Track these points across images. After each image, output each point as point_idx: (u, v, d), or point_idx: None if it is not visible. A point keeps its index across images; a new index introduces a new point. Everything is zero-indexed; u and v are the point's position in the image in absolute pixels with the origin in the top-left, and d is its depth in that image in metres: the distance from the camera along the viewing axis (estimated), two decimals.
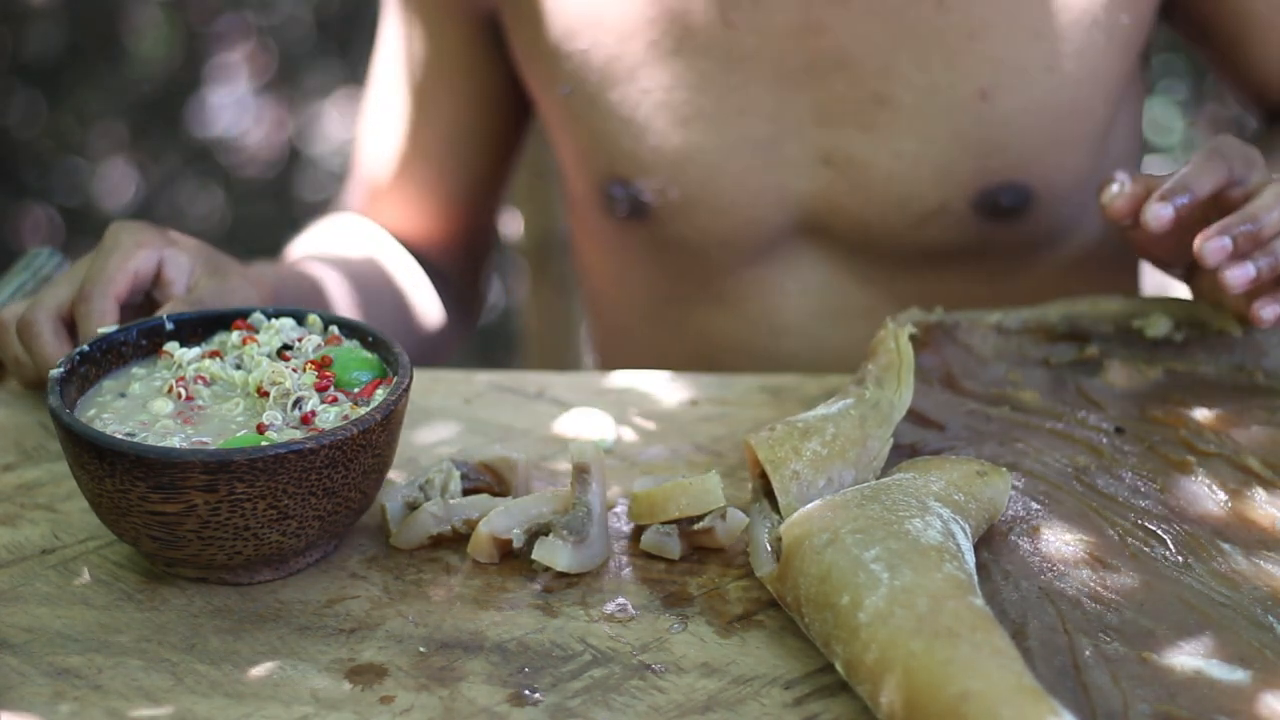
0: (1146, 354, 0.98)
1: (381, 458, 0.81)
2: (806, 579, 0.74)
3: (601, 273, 1.28)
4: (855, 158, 1.09)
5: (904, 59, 1.06)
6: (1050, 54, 1.06)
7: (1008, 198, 1.10)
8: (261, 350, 0.85)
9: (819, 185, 1.11)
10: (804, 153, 1.10)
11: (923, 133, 1.08)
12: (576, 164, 1.19)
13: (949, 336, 0.97)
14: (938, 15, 1.05)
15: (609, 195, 1.16)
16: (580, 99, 1.13)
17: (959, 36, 1.06)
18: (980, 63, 1.06)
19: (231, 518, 0.76)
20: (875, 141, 1.09)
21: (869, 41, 1.06)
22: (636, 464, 0.93)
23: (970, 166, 1.09)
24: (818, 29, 1.06)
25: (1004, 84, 1.07)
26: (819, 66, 1.07)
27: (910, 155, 1.09)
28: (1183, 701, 0.69)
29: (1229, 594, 0.77)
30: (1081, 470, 0.87)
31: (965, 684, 0.64)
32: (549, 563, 0.81)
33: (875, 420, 0.85)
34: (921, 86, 1.07)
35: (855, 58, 1.06)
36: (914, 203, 1.10)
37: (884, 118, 1.08)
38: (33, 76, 3.13)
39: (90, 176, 3.28)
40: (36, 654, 0.76)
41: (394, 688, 0.73)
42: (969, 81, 1.07)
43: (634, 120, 1.11)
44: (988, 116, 1.08)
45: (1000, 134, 1.08)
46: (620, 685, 0.74)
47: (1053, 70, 1.07)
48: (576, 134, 1.15)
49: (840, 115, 1.08)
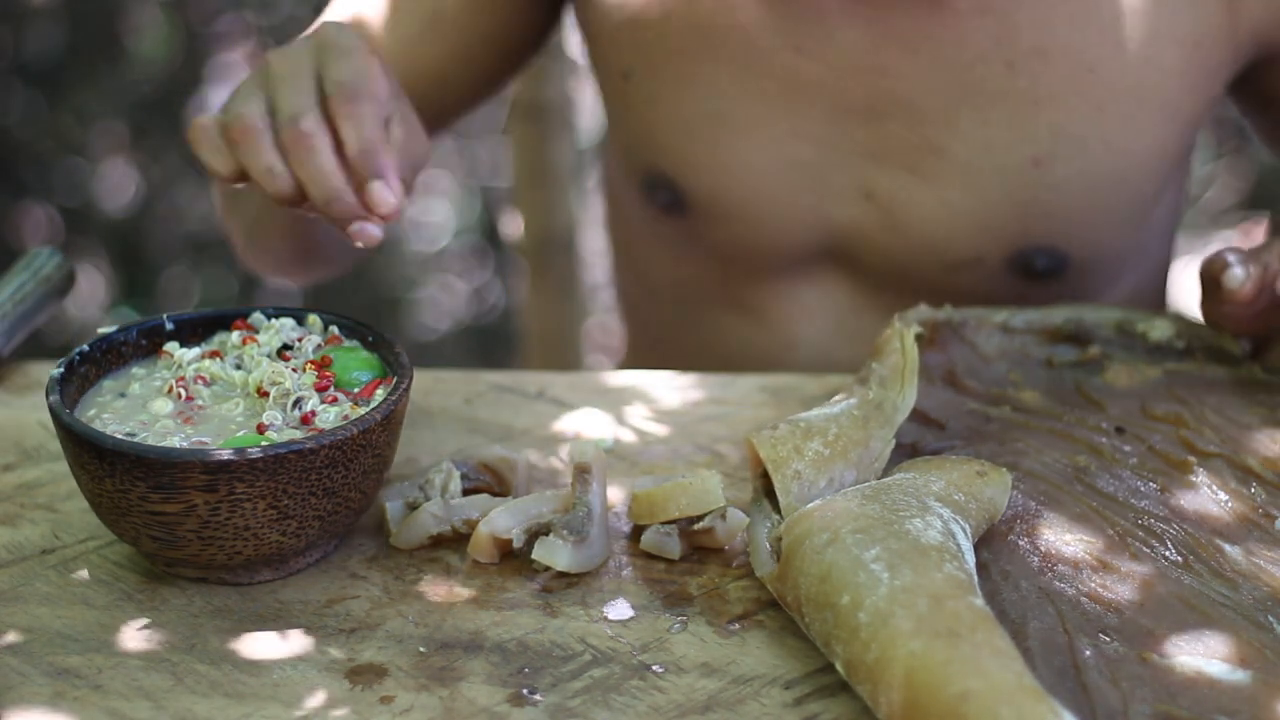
0: (1147, 356, 0.98)
1: (381, 458, 0.81)
2: (807, 579, 0.74)
3: (630, 260, 1.29)
4: (898, 198, 1.09)
5: (964, 114, 1.06)
6: (1111, 129, 1.06)
7: (1043, 261, 1.10)
8: (261, 350, 0.85)
9: (857, 217, 1.11)
10: (848, 184, 1.10)
11: (970, 186, 1.08)
12: (625, 146, 1.19)
13: (956, 334, 0.97)
14: (1006, 77, 1.04)
15: (650, 184, 1.16)
16: (639, 87, 1.13)
17: (1023, 101, 1.05)
18: (1040, 129, 1.05)
19: (231, 518, 0.76)
20: (921, 186, 1.08)
21: (932, 91, 1.05)
22: (636, 464, 0.93)
23: (1011, 227, 1.09)
24: (883, 71, 1.05)
25: (1059, 153, 1.06)
26: (878, 106, 1.07)
27: (953, 205, 1.08)
28: (1183, 701, 0.69)
29: (1229, 594, 0.77)
30: (1081, 470, 0.87)
31: (965, 684, 0.64)
32: (549, 562, 0.81)
33: (878, 421, 0.85)
34: (977, 143, 1.06)
35: (916, 104, 1.06)
36: (949, 251, 1.10)
37: (934, 165, 1.08)
38: (33, 76, 3.13)
39: (90, 176, 3.28)
40: (36, 654, 0.76)
41: (394, 688, 0.73)
42: (1025, 146, 1.06)
43: (687, 121, 1.11)
44: (1037, 182, 1.07)
45: (1047, 200, 1.08)
46: (620, 685, 0.74)
47: (1110, 145, 1.06)
48: (630, 119, 1.16)
49: (891, 155, 1.08)
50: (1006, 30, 1.03)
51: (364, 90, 0.86)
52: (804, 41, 1.06)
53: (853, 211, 1.11)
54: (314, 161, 0.84)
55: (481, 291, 3.33)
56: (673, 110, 1.12)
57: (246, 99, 0.87)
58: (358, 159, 0.85)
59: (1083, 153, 1.06)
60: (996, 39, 1.03)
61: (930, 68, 1.05)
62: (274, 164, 0.85)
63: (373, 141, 0.85)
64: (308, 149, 0.84)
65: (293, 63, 0.87)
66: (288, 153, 0.85)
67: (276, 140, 0.85)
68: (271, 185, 0.85)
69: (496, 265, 3.30)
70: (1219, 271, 0.93)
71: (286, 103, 0.85)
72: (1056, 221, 1.09)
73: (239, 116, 0.85)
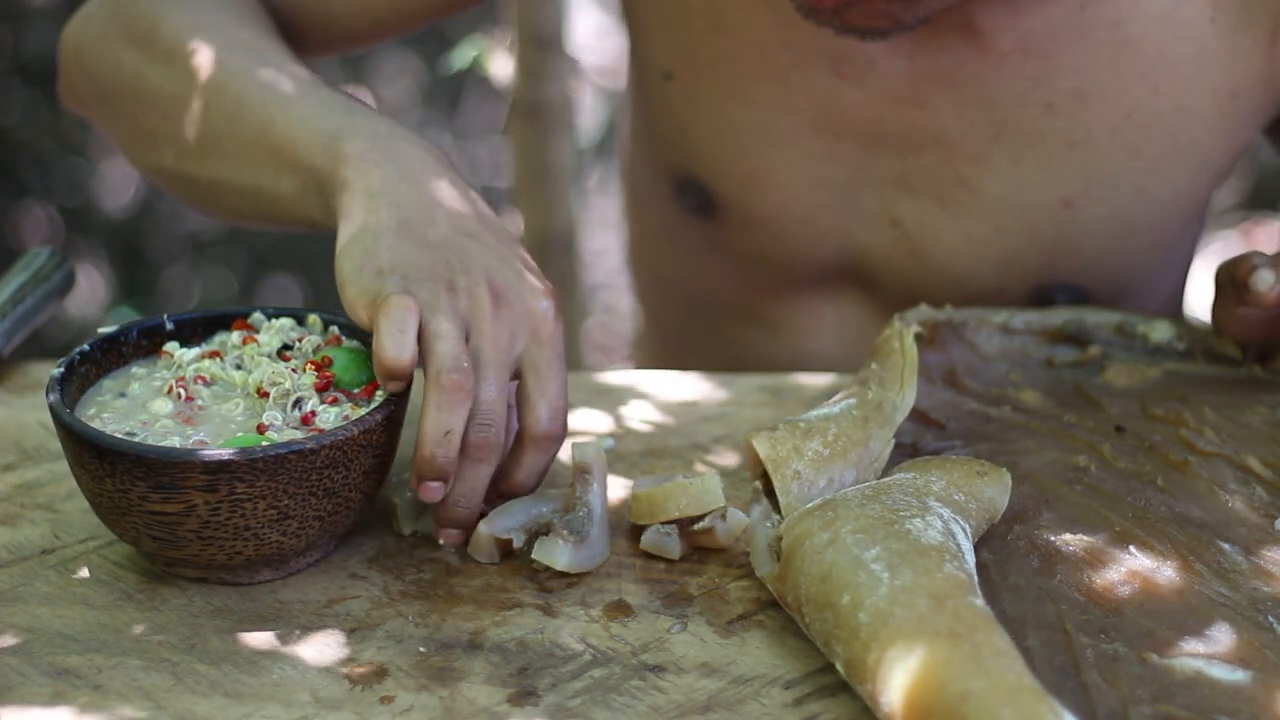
0: (1147, 357, 0.98)
1: (382, 458, 0.81)
2: (807, 579, 0.74)
3: (650, 259, 1.28)
4: (925, 227, 1.09)
5: (999, 152, 1.05)
6: (1144, 174, 1.05)
7: (1063, 297, 1.09)
8: (261, 350, 0.85)
9: (882, 242, 1.11)
10: (877, 209, 1.10)
11: (998, 222, 1.07)
12: (657, 146, 1.19)
13: (956, 334, 0.97)
14: (1043, 118, 1.04)
15: (681, 186, 1.16)
16: (679, 89, 1.12)
17: (1059, 143, 1.04)
18: (1073, 171, 1.05)
19: (231, 518, 0.76)
20: (949, 218, 1.08)
21: (969, 127, 1.05)
22: (636, 464, 0.93)
23: (1036, 263, 1.08)
24: (921, 103, 1.05)
25: (1091, 195, 1.06)
26: (913, 137, 1.06)
27: (979, 240, 1.08)
28: (1183, 701, 0.69)
29: (1229, 594, 0.77)
30: (1081, 470, 0.87)
31: (966, 684, 0.64)
32: (549, 562, 0.81)
33: (878, 421, 0.85)
34: (1009, 180, 1.06)
35: (951, 138, 1.06)
36: (971, 282, 1.10)
37: (964, 199, 1.07)
38: (33, 76, 3.13)
39: (90, 176, 3.28)
40: (36, 654, 0.75)
41: (394, 688, 0.73)
42: (1057, 186, 1.06)
43: (724, 128, 1.11)
44: (1067, 222, 1.07)
45: (1074, 240, 1.07)
46: (620, 685, 0.74)
47: (1141, 190, 1.06)
48: (667, 119, 1.15)
49: (922, 186, 1.08)
50: (1047, 72, 1.03)
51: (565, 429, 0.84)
52: (845, 68, 1.05)
53: (878, 237, 1.11)
54: (480, 473, 0.81)
55: None
56: (711, 115, 1.11)
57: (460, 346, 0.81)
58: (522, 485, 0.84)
59: (1114, 196, 1.06)
60: (1036, 80, 1.03)
61: (968, 104, 1.04)
62: (458, 434, 0.79)
63: (541, 477, 0.85)
64: (485, 463, 0.81)
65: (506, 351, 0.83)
66: (473, 449, 0.80)
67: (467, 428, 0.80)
68: (436, 446, 0.79)
69: None
70: (1245, 274, 0.92)
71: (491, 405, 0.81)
72: (1081, 260, 1.08)
73: (462, 370, 0.80)
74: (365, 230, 0.85)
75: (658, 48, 1.13)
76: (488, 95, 3.16)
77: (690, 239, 1.19)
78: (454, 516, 0.82)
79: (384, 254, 0.83)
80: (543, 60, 1.96)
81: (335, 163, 0.88)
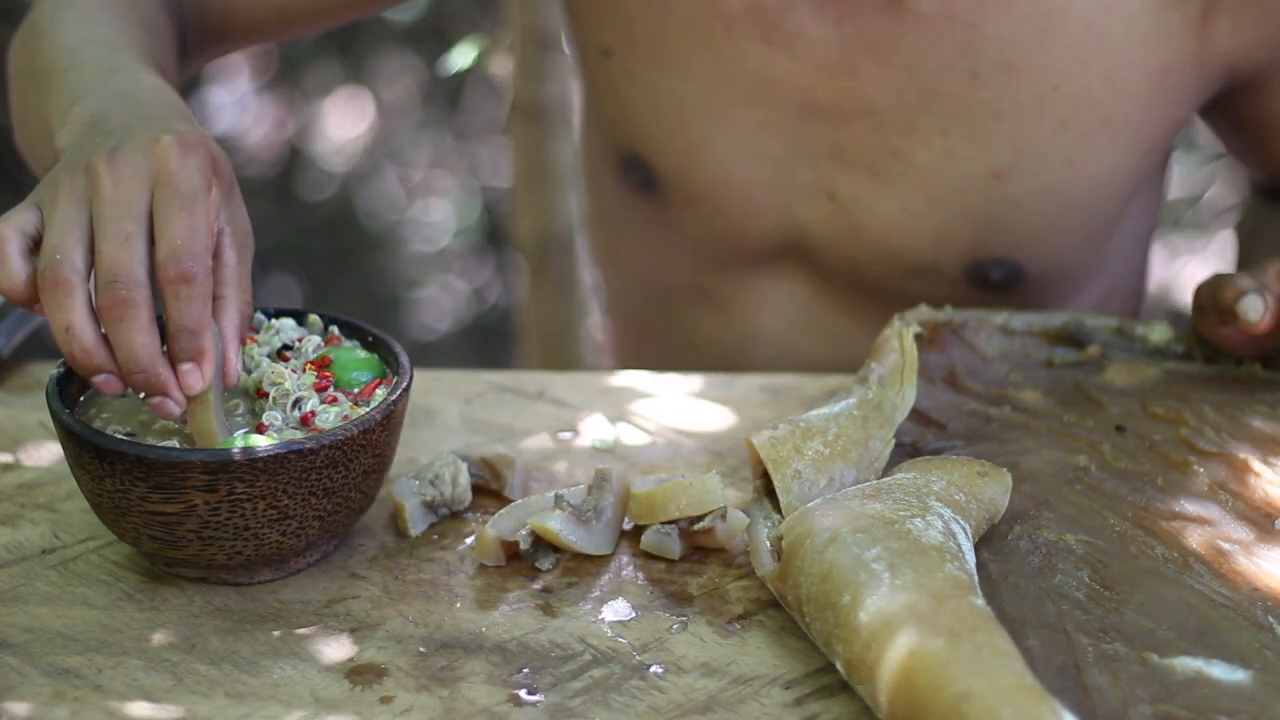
0: (1147, 358, 0.98)
1: (381, 458, 0.81)
2: (808, 578, 0.74)
3: (606, 244, 1.29)
4: (859, 200, 1.09)
5: (927, 122, 1.05)
6: (1073, 147, 1.05)
7: (998, 273, 1.09)
8: (261, 350, 0.85)
9: (820, 215, 1.11)
10: (812, 181, 1.10)
11: (931, 194, 1.07)
12: (602, 125, 1.20)
13: (956, 335, 0.97)
14: (969, 88, 1.04)
15: (626, 163, 1.17)
16: (617, 65, 1.13)
17: (986, 114, 1.04)
18: (1001, 142, 1.05)
19: (231, 518, 0.76)
20: (883, 191, 1.08)
21: (897, 97, 1.05)
22: (636, 464, 0.93)
23: (969, 237, 1.08)
24: (850, 72, 1.05)
25: (1020, 167, 1.06)
26: (844, 107, 1.06)
27: (912, 212, 1.08)
28: (1183, 701, 0.69)
29: (1229, 594, 0.77)
30: (1081, 470, 0.87)
31: (966, 683, 0.64)
32: (546, 532, 0.81)
33: (878, 421, 0.85)
34: (939, 152, 1.06)
35: (880, 108, 1.06)
36: (907, 256, 1.10)
37: (896, 170, 1.07)
38: None
39: None
40: (36, 654, 0.75)
41: (394, 688, 0.73)
42: (986, 157, 1.06)
43: (662, 102, 1.11)
44: (997, 194, 1.07)
45: (1005, 213, 1.07)
46: (620, 685, 0.74)
47: (1071, 163, 1.06)
48: (608, 97, 1.16)
49: (855, 157, 1.08)
50: (971, 41, 1.02)
51: (198, 263, 0.77)
52: (775, 36, 1.06)
53: (815, 210, 1.11)
54: (130, 333, 0.76)
55: (481, 291, 3.33)
56: (649, 90, 1.12)
57: (66, 231, 0.77)
58: (178, 338, 0.77)
59: (1043, 169, 1.06)
60: (961, 48, 1.03)
61: (894, 73, 1.04)
62: (78, 324, 0.76)
63: (199, 322, 0.77)
64: (128, 320, 0.75)
65: (126, 201, 0.77)
66: (103, 314, 0.76)
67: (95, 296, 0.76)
68: (66, 345, 0.76)
69: (496, 265, 3.30)
70: (1231, 300, 0.91)
71: (112, 259, 0.76)
72: (1013, 235, 1.08)
73: (55, 263, 0.76)
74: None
75: (594, 25, 1.14)
76: (488, 95, 3.16)
77: (637, 218, 1.20)
78: (149, 383, 0.77)
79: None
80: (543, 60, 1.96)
81: (61, 129, 0.86)
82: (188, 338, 0.77)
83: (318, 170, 3.38)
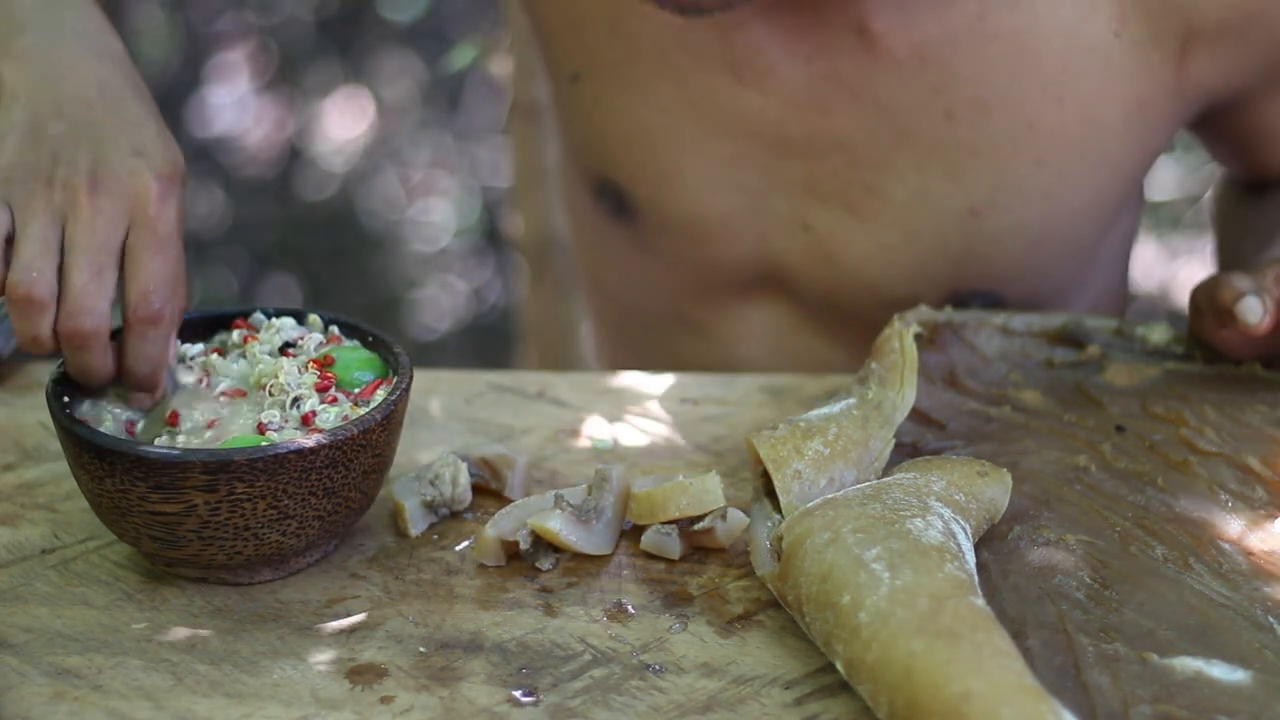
0: (1147, 358, 0.98)
1: (382, 458, 0.81)
2: (807, 578, 0.74)
3: (587, 266, 1.28)
4: (835, 234, 1.08)
5: (902, 158, 1.04)
6: (1051, 183, 1.04)
7: (978, 303, 1.08)
8: (262, 349, 0.85)
9: (796, 247, 1.10)
10: (788, 213, 1.09)
11: (907, 230, 1.06)
12: (574, 150, 1.19)
13: (956, 335, 0.97)
14: (945, 126, 1.03)
15: (599, 189, 1.16)
16: (587, 90, 1.12)
17: (962, 151, 1.03)
18: (978, 179, 1.04)
19: (231, 518, 0.76)
20: (858, 225, 1.07)
21: (871, 134, 1.04)
22: (636, 464, 0.93)
23: (947, 271, 1.08)
24: (822, 109, 1.04)
25: (998, 204, 1.05)
26: (817, 143, 1.05)
27: (889, 247, 1.07)
28: (1183, 701, 0.69)
29: (1229, 594, 0.77)
30: (1081, 470, 0.87)
31: (966, 684, 0.64)
32: (546, 532, 0.81)
33: (878, 421, 0.85)
34: (915, 189, 1.05)
35: (854, 145, 1.05)
36: (884, 289, 1.09)
37: (873, 206, 1.06)
38: None
39: None
40: (36, 654, 0.76)
41: (394, 688, 0.73)
42: (963, 195, 1.04)
43: (632, 130, 1.10)
44: (975, 231, 1.06)
45: (983, 248, 1.06)
46: (620, 685, 0.74)
47: (1050, 198, 1.05)
48: (578, 122, 1.15)
49: (830, 192, 1.07)
50: (945, 80, 1.01)
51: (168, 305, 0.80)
52: (744, 73, 1.05)
53: (792, 241, 1.10)
54: (88, 361, 0.80)
55: (481, 291, 3.33)
56: (619, 117, 1.10)
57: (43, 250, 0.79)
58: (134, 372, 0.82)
59: (1020, 205, 1.05)
60: (934, 88, 1.02)
61: (867, 111, 1.03)
62: (44, 337, 0.79)
63: (158, 361, 0.81)
64: (87, 350, 0.79)
65: (103, 235, 0.80)
66: (64, 339, 0.79)
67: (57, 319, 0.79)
68: (28, 346, 0.79)
69: (496, 265, 3.30)
70: (1229, 301, 0.91)
71: (80, 290, 0.78)
72: (992, 268, 1.07)
73: (30, 280, 0.78)
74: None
75: (563, 50, 1.13)
76: (488, 95, 3.16)
77: (615, 242, 1.19)
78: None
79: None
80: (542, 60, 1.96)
81: (4, 59, 0.86)
82: (145, 373, 0.82)
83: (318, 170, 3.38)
